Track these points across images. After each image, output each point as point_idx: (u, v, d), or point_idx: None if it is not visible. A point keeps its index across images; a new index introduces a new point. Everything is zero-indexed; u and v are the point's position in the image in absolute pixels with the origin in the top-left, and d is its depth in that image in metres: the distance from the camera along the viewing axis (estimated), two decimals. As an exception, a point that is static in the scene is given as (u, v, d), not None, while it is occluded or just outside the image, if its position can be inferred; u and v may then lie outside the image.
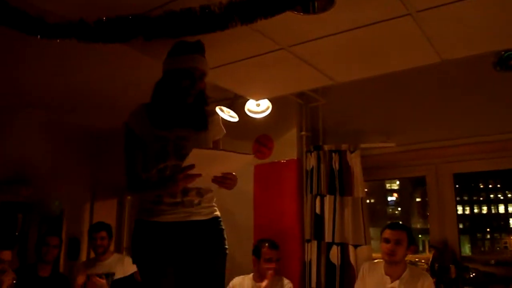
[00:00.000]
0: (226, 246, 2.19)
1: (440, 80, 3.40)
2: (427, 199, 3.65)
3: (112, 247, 3.97)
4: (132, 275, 3.36)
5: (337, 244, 3.45)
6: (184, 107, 2.12)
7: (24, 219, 3.88)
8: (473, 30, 2.34)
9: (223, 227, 2.22)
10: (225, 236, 2.20)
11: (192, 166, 1.81)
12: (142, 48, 2.42)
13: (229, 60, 2.70)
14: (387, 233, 3.03)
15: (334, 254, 3.44)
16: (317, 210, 3.56)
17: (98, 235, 3.74)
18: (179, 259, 2.09)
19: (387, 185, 15.04)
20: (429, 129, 3.44)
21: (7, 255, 2.93)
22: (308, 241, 3.57)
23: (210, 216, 2.17)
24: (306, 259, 3.56)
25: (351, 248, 3.41)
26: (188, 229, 2.09)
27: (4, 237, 3.02)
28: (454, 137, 3.34)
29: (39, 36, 1.67)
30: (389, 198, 15.24)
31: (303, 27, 2.32)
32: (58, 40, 1.71)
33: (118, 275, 3.59)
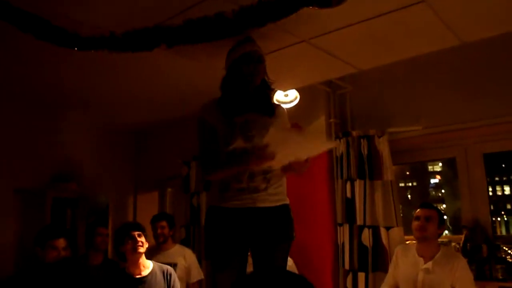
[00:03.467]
0: (293, 236, 2.25)
1: (466, 60, 3.39)
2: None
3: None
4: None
5: (369, 227, 3.54)
6: (249, 93, 2.25)
7: (73, 213, 4.17)
8: (489, 11, 2.37)
9: (292, 216, 2.27)
10: (293, 225, 2.26)
11: (266, 146, 1.89)
12: (179, 51, 2.60)
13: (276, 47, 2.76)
14: (418, 212, 3.08)
15: (366, 236, 3.53)
16: (348, 195, 3.66)
17: (158, 224, 3.88)
18: (244, 246, 2.18)
19: (429, 168, 14.81)
20: (457, 110, 3.45)
21: (61, 242, 3.19)
22: (340, 224, 3.68)
23: (278, 204, 2.22)
24: (338, 242, 3.68)
25: (383, 230, 3.50)
26: (254, 216, 2.15)
27: (56, 227, 3.27)
28: (482, 117, 3.33)
29: (76, 49, 1.87)
30: (432, 181, 15.01)
31: (321, 20, 2.41)
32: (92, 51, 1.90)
33: (180, 266, 3.70)
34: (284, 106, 3.73)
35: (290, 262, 3.45)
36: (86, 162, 4.39)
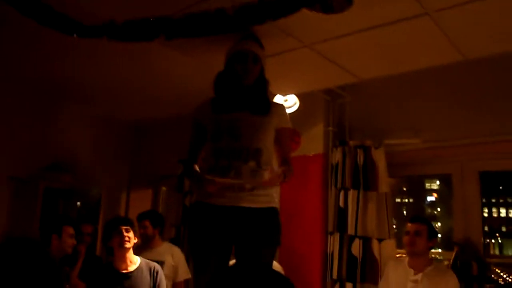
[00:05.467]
0: (279, 241, 2.18)
1: (469, 76, 3.38)
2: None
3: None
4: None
5: (360, 237, 3.52)
6: (242, 91, 2.21)
7: (65, 205, 4.15)
8: (494, 28, 2.37)
9: (280, 221, 2.21)
10: (280, 230, 2.19)
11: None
12: (179, 47, 2.59)
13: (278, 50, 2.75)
14: (407, 226, 3.08)
15: (356, 247, 3.51)
16: (341, 204, 3.64)
17: (141, 223, 3.83)
18: (226, 245, 2.13)
19: (427, 185, 14.77)
20: (456, 126, 3.44)
21: (89, 228, 3.17)
22: (331, 233, 3.66)
23: (265, 205, 2.15)
24: (328, 251, 3.65)
25: (375, 242, 3.48)
26: (238, 215, 2.09)
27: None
28: (480, 134, 3.33)
29: (75, 35, 1.86)
30: (428, 198, 14.96)
31: (323, 26, 2.41)
32: (93, 39, 1.90)
33: (167, 264, 3.65)
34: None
35: (278, 267, 3.43)
36: (82, 154, 4.37)
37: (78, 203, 4.26)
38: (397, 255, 3.38)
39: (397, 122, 3.69)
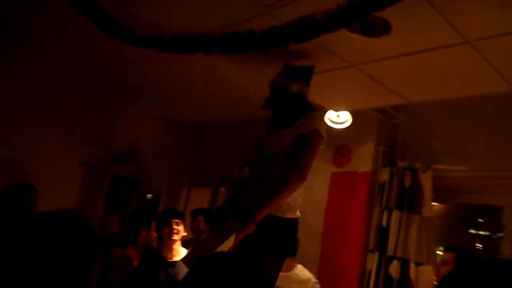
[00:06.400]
0: (283, 249, 2.38)
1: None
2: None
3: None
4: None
5: (398, 259, 3.52)
6: (278, 112, 2.57)
7: (127, 193, 4.54)
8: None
9: (293, 230, 2.44)
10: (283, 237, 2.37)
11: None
12: (231, 61, 2.86)
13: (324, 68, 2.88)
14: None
15: (394, 268, 3.51)
16: (384, 223, 3.66)
17: (195, 218, 4.11)
18: None
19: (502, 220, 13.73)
20: (509, 156, 3.34)
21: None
22: (371, 251, 3.69)
23: (280, 215, 2.36)
24: (366, 268, 3.68)
25: (412, 265, 3.46)
26: None
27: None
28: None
29: (130, 44, 2.16)
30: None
31: (365, 48, 2.52)
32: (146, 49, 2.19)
33: None
34: (335, 126, 3.84)
35: (313, 278, 3.52)
36: (147, 149, 4.75)
37: (139, 193, 4.64)
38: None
39: (449, 147, 3.63)
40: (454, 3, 1.96)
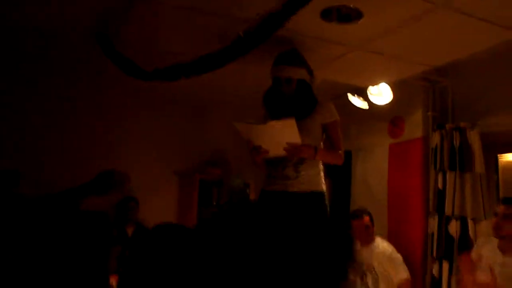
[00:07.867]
0: (322, 221, 2.58)
1: None
2: None
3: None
4: None
5: (456, 218, 3.59)
6: (284, 101, 2.71)
7: (218, 192, 5.16)
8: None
9: (323, 203, 2.62)
10: (322, 211, 2.61)
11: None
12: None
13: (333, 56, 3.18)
14: (498, 208, 3.01)
15: (453, 227, 3.59)
16: (439, 185, 3.75)
17: None
18: (275, 226, 2.59)
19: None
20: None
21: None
22: (431, 214, 3.80)
23: (308, 191, 2.60)
24: (428, 231, 3.80)
25: (470, 222, 3.52)
26: (285, 199, 2.60)
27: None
28: None
29: (140, 79, 2.74)
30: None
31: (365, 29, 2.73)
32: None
33: None
34: (378, 102, 4.04)
35: (390, 247, 3.76)
36: (229, 152, 5.31)
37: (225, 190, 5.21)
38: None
39: (496, 103, 3.60)
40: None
